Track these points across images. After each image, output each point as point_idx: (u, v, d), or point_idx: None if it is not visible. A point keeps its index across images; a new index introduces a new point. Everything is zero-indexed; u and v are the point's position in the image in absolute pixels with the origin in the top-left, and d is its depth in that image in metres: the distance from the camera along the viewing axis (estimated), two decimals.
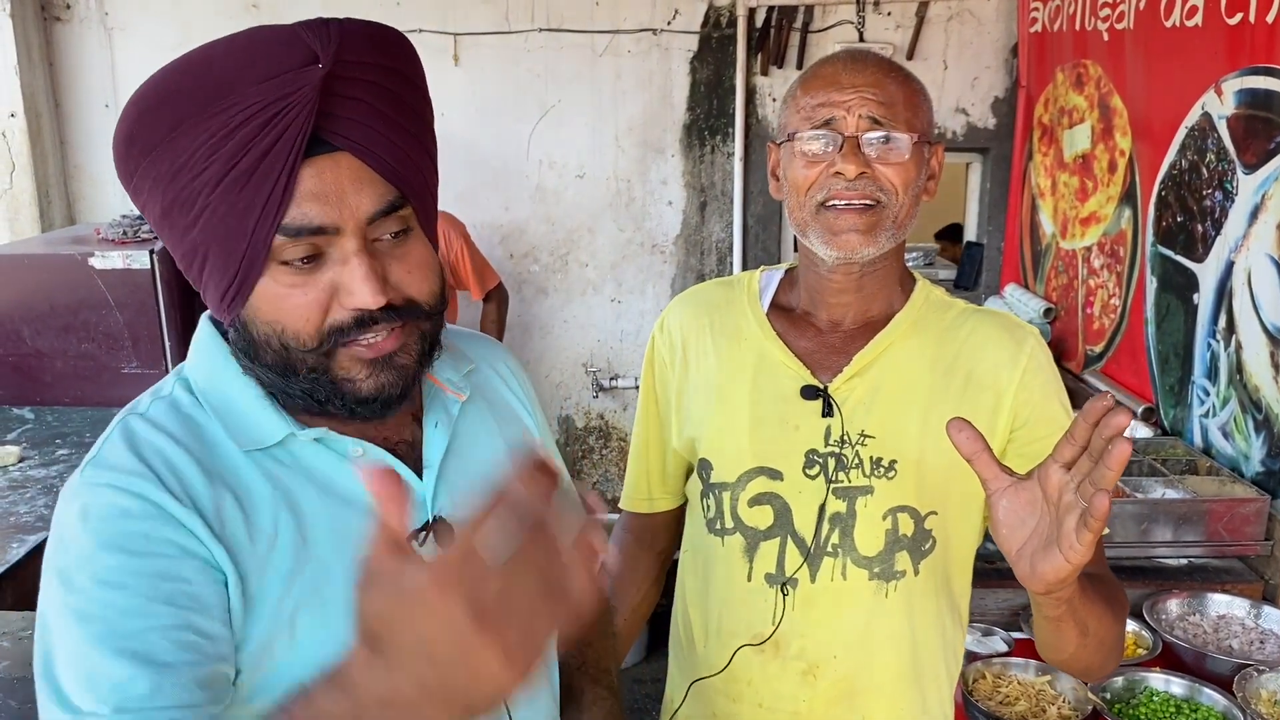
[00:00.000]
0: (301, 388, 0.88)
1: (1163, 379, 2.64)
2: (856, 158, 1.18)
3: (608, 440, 4.25)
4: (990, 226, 3.94)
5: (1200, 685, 1.81)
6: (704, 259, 4.03)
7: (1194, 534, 2.13)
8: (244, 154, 0.80)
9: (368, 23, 0.87)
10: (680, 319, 1.38)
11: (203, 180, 0.81)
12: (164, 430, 0.88)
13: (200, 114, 0.80)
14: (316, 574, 0.88)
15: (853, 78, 1.19)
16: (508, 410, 1.11)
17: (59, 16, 3.81)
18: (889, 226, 1.21)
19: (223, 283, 0.85)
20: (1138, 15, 2.71)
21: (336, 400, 0.89)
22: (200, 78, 0.81)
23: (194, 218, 0.83)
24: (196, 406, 0.91)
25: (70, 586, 0.82)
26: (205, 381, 0.92)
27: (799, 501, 1.27)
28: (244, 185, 0.81)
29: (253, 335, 0.87)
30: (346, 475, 0.92)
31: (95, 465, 0.86)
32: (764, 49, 3.78)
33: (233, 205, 0.81)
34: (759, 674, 1.31)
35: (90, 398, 3.15)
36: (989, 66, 3.78)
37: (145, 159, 0.83)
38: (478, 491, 0.59)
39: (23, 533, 2.24)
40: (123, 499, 0.83)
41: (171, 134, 0.81)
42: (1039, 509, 0.92)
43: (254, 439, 0.90)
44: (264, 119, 0.79)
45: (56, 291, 3.08)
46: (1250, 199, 2.23)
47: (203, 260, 0.86)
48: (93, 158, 3.90)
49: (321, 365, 0.87)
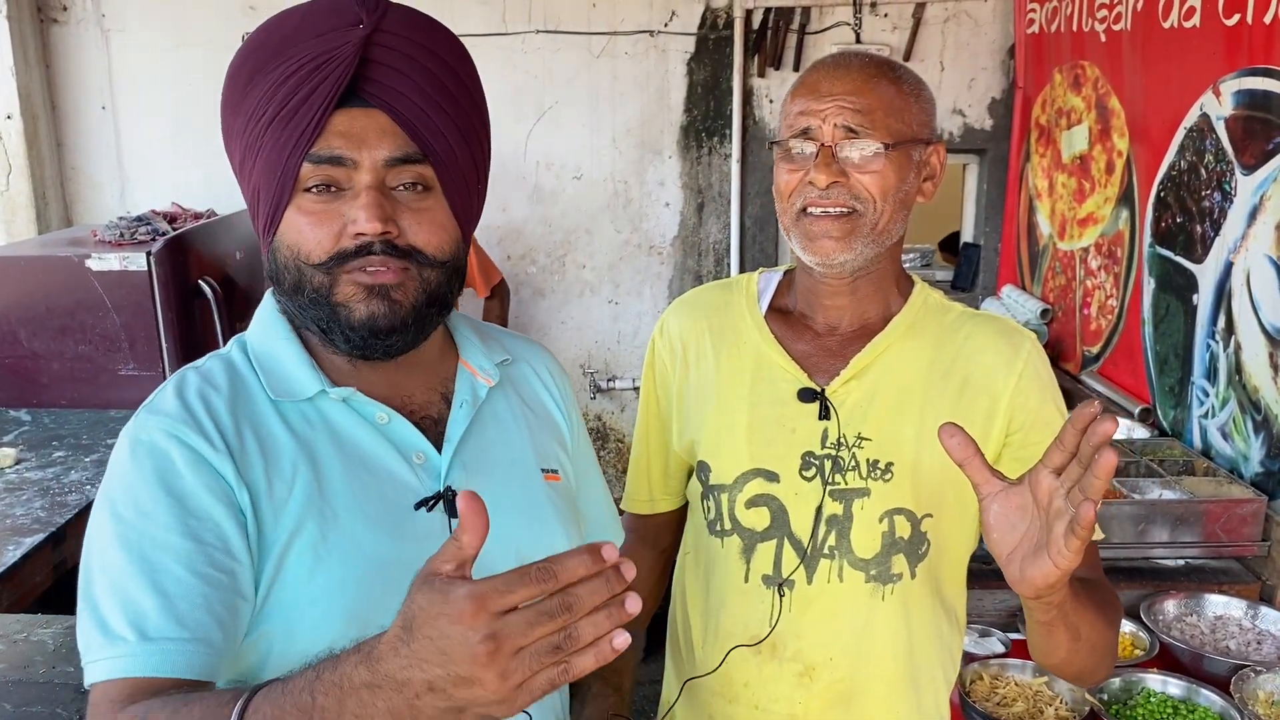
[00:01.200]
0: (311, 314, 0.98)
1: (1162, 380, 2.64)
2: (829, 167, 1.18)
3: (605, 442, 4.25)
4: (987, 228, 3.95)
5: (1197, 686, 1.81)
6: (701, 260, 4.03)
7: (1191, 535, 2.13)
8: (292, 98, 0.93)
9: (417, 11, 0.99)
10: (680, 322, 1.39)
11: (261, 123, 0.94)
12: (210, 382, 0.99)
13: (264, 67, 0.95)
14: (325, 525, 0.94)
15: (832, 85, 1.19)
16: (541, 408, 1.17)
17: (56, 18, 3.80)
18: (865, 234, 1.21)
19: (266, 212, 0.97)
20: (1135, 16, 2.71)
21: (335, 328, 0.98)
22: (270, 35, 0.97)
23: (254, 159, 0.96)
24: (245, 363, 1.02)
25: (116, 514, 0.91)
26: (258, 341, 1.03)
27: (795, 503, 1.27)
28: (287, 123, 0.93)
29: (277, 261, 0.98)
30: (369, 437, 1.00)
31: (149, 410, 0.96)
32: (761, 50, 3.78)
33: (276, 139, 0.94)
34: (755, 676, 1.31)
35: (87, 400, 3.14)
36: (985, 68, 3.79)
37: (233, 116, 0.98)
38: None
39: (19, 535, 2.23)
40: (166, 442, 0.92)
41: (247, 88, 0.96)
42: (1029, 514, 0.92)
43: (287, 390, 0.99)
44: (311, 68, 0.93)
45: (53, 293, 3.07)
46: (1249, 200, 2.23)
47: (257, 197, 0.98)
48: (89, 159, 3.89)
49: (324, 287, 0.96)
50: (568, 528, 1.10)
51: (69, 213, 3.93)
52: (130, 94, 3.84)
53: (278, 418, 0.98)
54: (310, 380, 1.00)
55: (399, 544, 0.95)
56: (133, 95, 3.84)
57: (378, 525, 0.96)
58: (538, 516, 1.08)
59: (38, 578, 2.15)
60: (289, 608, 0.92)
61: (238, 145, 0.98)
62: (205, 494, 0.91)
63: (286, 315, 1.03)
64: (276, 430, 0.97)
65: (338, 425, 1.00)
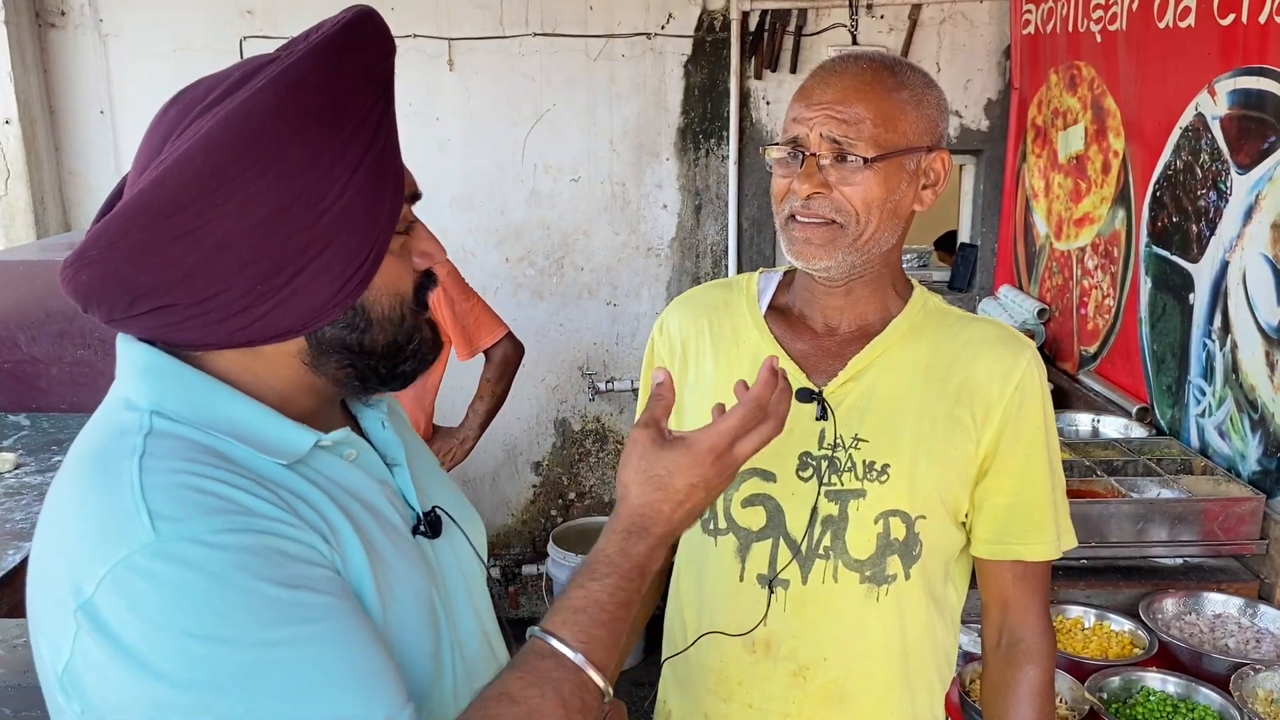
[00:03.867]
0: (402, 363, 0.91)
1: (1159, 379, 2.65)
2: (812, 178, 1.18)
3: (604, 443, 4.25)
4: (984, 228, 3.95)
5: (1197, 684, 1.81)
6: (699, 262, 4.03)
7: (1189, 533, 2.13)
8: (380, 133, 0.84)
9: None
10: (679, 321, 1.39)
11: (347, 161, 0.81)
12: (204, 464, 0.79)
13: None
14: (380, 566, 0.87)
15: (823, 93, 1.19)
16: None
17: (54, 23, 3.80)
18: (847, 245, 1.21)
19: (347, 269, 0.83)
20: (1130, 16, 2.72)
21: (397, 369, 0.92)
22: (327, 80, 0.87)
23: (325, 206, 0.80)
24: (203, 436, 0.82)
25: (240, 644, 0.72)
26: (193, 409, 0.83)
27: (791, 503, 1.27)
28: (378, 163, 0.83)
29: (372, 317, 0.87)
30: (349, 474, 0.91)
31: (170, 517, 0.74)
32: (758, 52, 3.78)
33: (376, 180, 0.83)
34: (750, 674, 1.31)
35: (86, 404, 3.12)
36: (981, 69, 3.79)
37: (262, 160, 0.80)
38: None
39: (19, 539, 2.24)
40: (251, 538, 0.75)
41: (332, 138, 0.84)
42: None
43: (290, 450, 0.85)
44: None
45: (52, 298, 3.07)
46: (1244, 199, 2.24)
47: (311, 258, 0.81)
48: (88, 164, 3.89)
49: (413, 327, 0.91)
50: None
51: (67, 217, 3.93)
52: (128, 98, 3.84)
53: (294, 477, 0.86)
54: (299, 433, 0.86)
55: (413, 572, 0.93)
56: (130, 100, 3.84)
57: (404, 559, 0.92)
58: (472, 519, 1.10)
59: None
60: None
61: (268, 195, 0.79)
62: (318, 566, 0.80)
63: (220, 377, 0.86)
64: (303, 490, 0.86)
65: (328, 471, 0.89)
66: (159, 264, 0.79)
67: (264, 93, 0.79)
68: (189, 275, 0.79)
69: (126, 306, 0.81)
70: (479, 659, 1.01)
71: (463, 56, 3.77)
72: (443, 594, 0.96)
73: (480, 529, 1.12)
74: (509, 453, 4.23)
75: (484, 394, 2.97)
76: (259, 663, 0.72)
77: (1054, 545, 1.29)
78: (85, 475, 0.80)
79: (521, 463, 4.26)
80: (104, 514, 0.75)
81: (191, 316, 0.81)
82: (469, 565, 1.04)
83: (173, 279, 0.79)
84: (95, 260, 0.80)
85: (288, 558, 0.77)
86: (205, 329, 0.82)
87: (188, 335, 0.83)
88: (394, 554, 0.89)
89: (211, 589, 0.72)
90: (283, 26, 3.74)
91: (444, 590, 0.97)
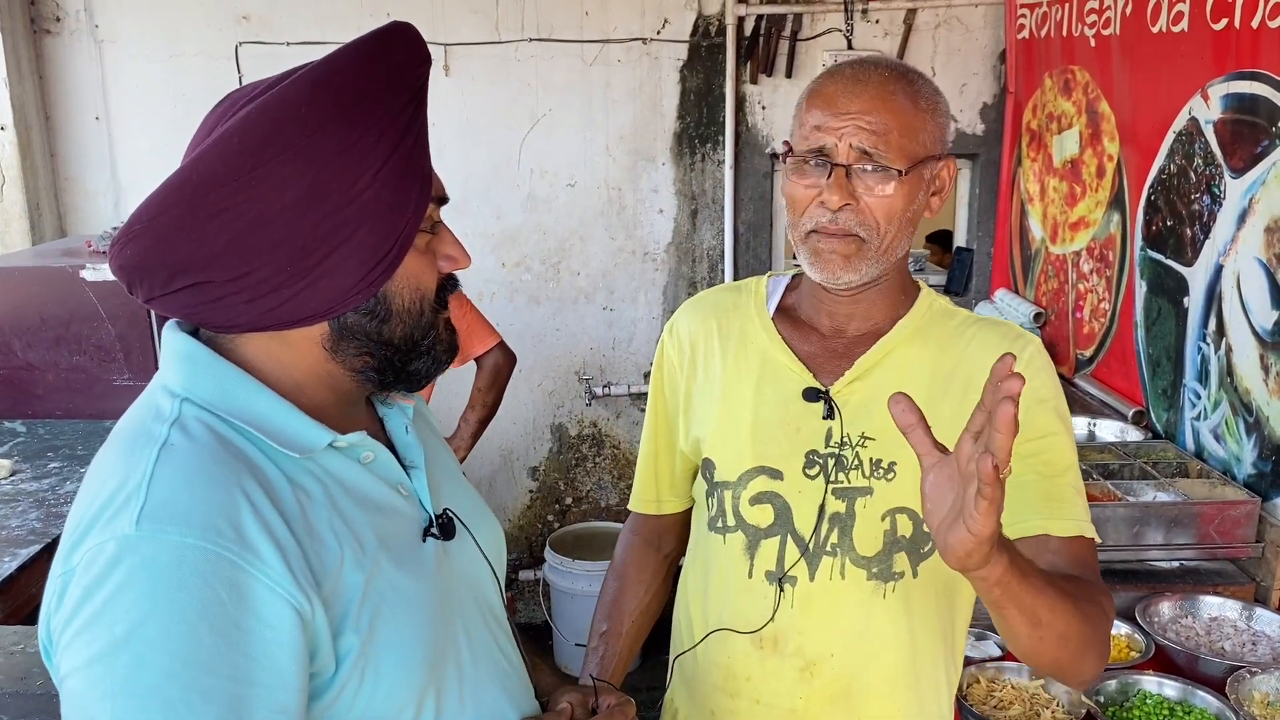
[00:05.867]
0: (417, 359, 0.95)
1: (1154, 382, 2.65)
2: (842, 189, 1.18)
3: (601, 448, 4.25)
4: (980, 232, 3.96)
5: (1193, 687, 1.82)
6: (695, 266, 4.03)
7: (1185, 536, 2.14)
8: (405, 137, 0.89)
9: None
10: (689, 323, 1.41)
11: (377, 154, 0.86)
12: (221, 461, 0.84)
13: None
14: (379, 579, 0.90)
15: (849, 102, 1.18)
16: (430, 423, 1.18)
17: (49, 29, 3.80)
18: (871, 257, 1.22)
19: (372, 257, 0.88)
20: (1124, 21, 2.73)
21: (418, 368, 0.96)
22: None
23: (353, 194, 0.85)
24: (224, 425, 0.87)
25: (141, 661, 0.76)
26: (221, 397, 0.88)
27: (799, 501, 1.28)
28: (406, 161, 0.88)
29: (393, 307, 0.91)
30: (362, 477, 0.94)
31: (155, 517, 0.78)
32: (753, 57, 3.79)
33: (403, 176, 0.88)
34: (757, 670, 1.32)
35: (82, 410, 3.14)
36: (977, 73, 3.80)
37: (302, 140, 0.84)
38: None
39: (15, 546, 2.23)
40: (219, 566, 0.78)
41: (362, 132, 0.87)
42: (956, 482, 0.90)
43: (304, 445, 0.89)
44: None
45: (48, 304, 3.07)
46: (1238, 203, 2.24)
47: (339, 243, 0.86)
48: (83, 170, 3.89)
49: (432, 324, 0.96)
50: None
51: (63, 223, 3.92)
52: (124, 104, 3.84)
53: (304, 473, 0.89)
54: (315, 430, 0.90)
55: (421, 582, 0.94)
56: (126, 106, 3.84)
57: (407, 567, 0.94)
58: (488, 523, 1.12)
59: (34, 589, 2.15)
60: (378, 664, 0.88)
61: (304, 177, 0.84)
62: (262, 628, 0.80)
63: (247, 369, 0.91)
64: (311, 488, 0.89)
65: (335, 471, 0.92)
66: (196, 238, 0.83)
67: (300, 84, 0.85)
68: (224, 252, 0.84)
69: (165, 282, 0.86)
70: (487, 661, 1.02)
71: (458, 62, 3.77)
72: (451, 595, 0.98)
73: (497, 534, 1.13)
74: (505, 458, 4.23)
75: (475, 404, 2.97)
76: (141, 684, 0.75)
77: (1082, 523, 1.22)
78: (113, 451, 0.87)
79: (518, 468, 4.26)
80: (111, 494, 0.81)
81: (225, 295, 0.86)
82: (477, 568, 1.06)
83: (209, 255, 0.84)
84: (139, 234, 0.85)
85: (242, 601, 0.79)
86: (236, 310, 0.87)
87: (220, 316, 0.88)
88: (394, 558, 0.92)
89: (146, 597, 0.76)
90: (278, 32, 3.75)
91: (453, 592, 0.99)
